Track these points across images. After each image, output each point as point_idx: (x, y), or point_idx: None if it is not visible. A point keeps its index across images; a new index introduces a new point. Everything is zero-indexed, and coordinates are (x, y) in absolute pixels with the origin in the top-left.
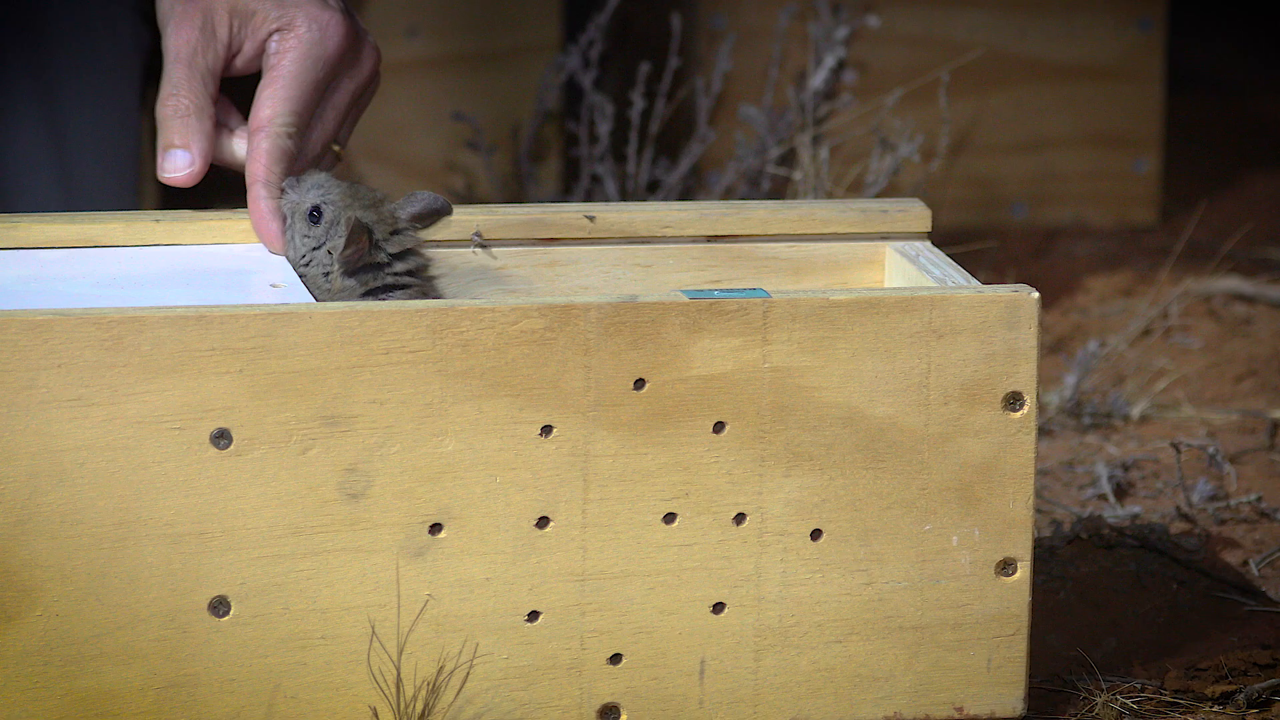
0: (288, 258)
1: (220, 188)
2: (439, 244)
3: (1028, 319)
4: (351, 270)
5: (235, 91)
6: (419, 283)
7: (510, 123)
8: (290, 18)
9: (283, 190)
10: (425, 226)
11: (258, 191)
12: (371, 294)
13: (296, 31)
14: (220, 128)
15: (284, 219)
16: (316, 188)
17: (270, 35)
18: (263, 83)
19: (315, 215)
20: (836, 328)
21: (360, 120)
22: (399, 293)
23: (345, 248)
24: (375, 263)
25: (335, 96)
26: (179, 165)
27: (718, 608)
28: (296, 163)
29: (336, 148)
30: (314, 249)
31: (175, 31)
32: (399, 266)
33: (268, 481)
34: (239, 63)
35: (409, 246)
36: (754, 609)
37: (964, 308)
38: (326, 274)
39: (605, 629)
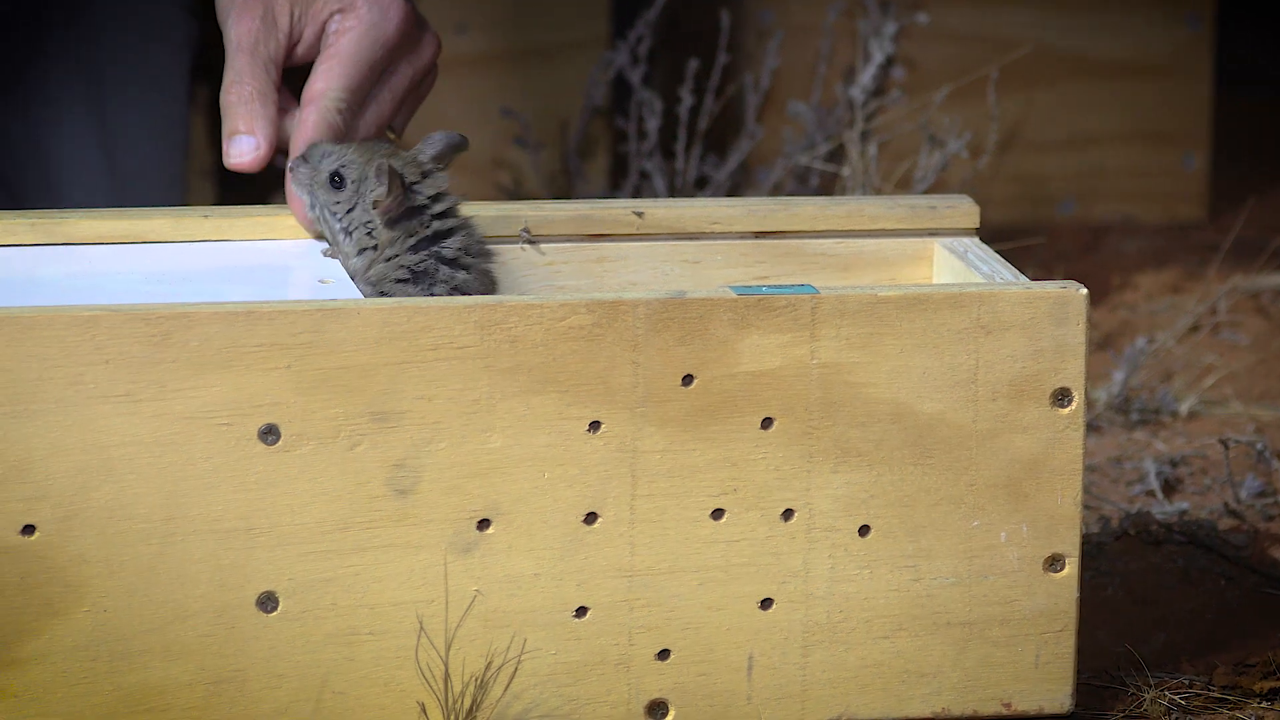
0: (323, 236)
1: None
2: (488, 239)
3: (1076, 315)
4: (394, 220)
5: (296, 81)
6: (460, 223)
7: (559, 119)
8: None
9: (290, 169)
10: (447, 164)
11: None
12: (421, 245)
13: (357, 11)
14: (283, 114)
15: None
16: (328, 155)
17: (331, 16)
18: (319, 59)
19: (338, 180)
20: (885, 324)
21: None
22: (449, 243)
23: (386, 195)
24: (416, 206)
25: (393, 80)
26: (244, 150)
27: (766, 603)
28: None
29: (391, 134)
30: (348, 211)
31: (237, 22)
32: (438, 208)
33: (316, 477)
34: (300, 50)
35: (441, 189)
36: (802, 605)
37: (1012, 304)
38: (370, 231)
39: (653, 625)
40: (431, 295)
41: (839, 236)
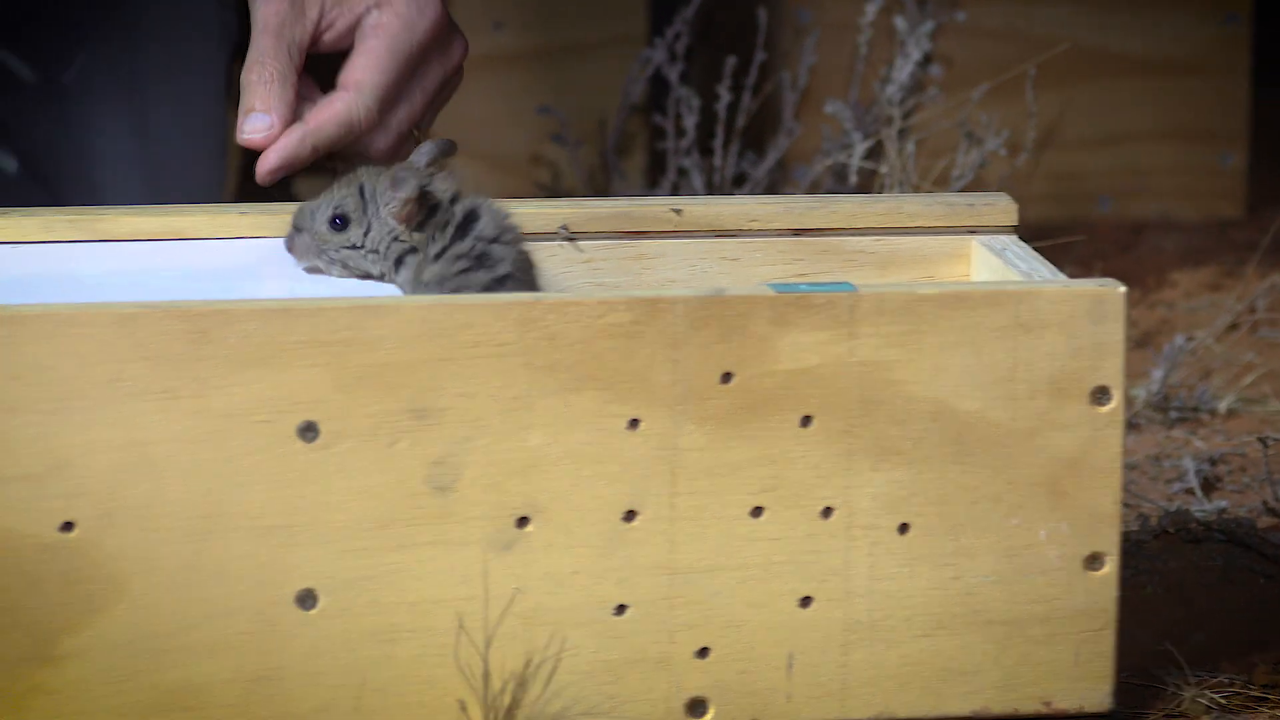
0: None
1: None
2: (524, 244)
3: (1115, 313)
4: (420, 222)
5: (321, 70)
6: (478, 202)
7: (596, 116)
8: None
9: (289, 249)
10: (442, 169)
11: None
12: (459, 232)
13: (395, 7)
14: (302, 101)
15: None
16: (313, 211)
17: (368, 10)
18: (356, 50)
19: (339, 221)
20: (924, 321)
21: (446, 114)
22: (482, 223)
23: (402, 199)
24: (436, 201)
25: (425, 80)
26: (258, 128)
27: (805, 602)
28: (369, 137)
29: (417, 134)
30: (366, 235)
31: (265, 3)
32: (452, 193)
33: (355, 474)
34: (328, 37)
35: (454, 189)
36: (842, 603)
37: (1051, 302)
38: (397, 238)
39: (693, 622)
40: (497, 275)
41: (877, 234)
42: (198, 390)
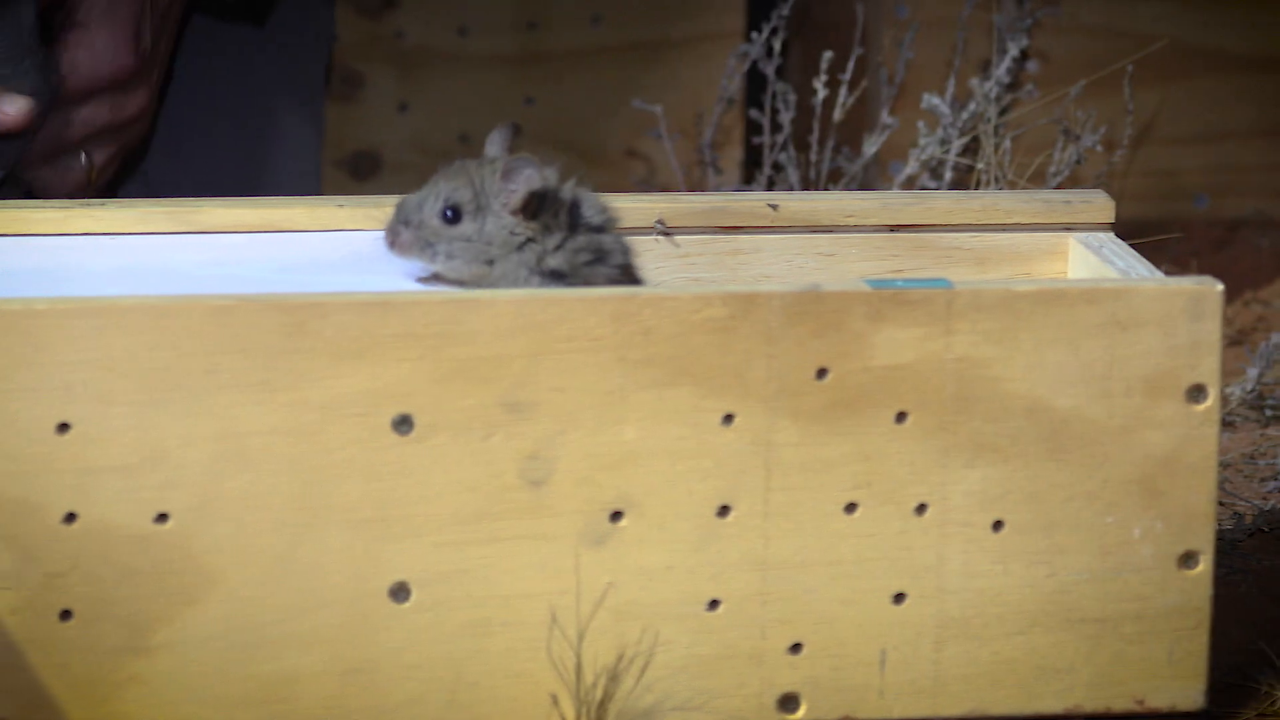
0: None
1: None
2: (622, 231)
3: (1212, 311)
4: (535, 209)
5: None
6: (577, 189)
7: (692, 111)
8: None
9: (392, 244)
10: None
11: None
12: (573, 219)
13: (91, 35)
14: None
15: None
16: (423, 203)
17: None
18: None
19: (452, 214)
20: (1020, 318)
21: (542, 105)
22: (588, 207)
23: (522, 192)
24: (546, 192)
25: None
26: None
27: (899, 598)
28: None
29: (88, 163)
30: (480, 227)
31: None
32: (563, 182)
33: (450, 468)
34: None
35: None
36: (935, 600)
37: (1148, 299)
38: (513, 231)
39: (786, 618)
40: (616, 264)
41: (974, 230)
42: (293, 382)
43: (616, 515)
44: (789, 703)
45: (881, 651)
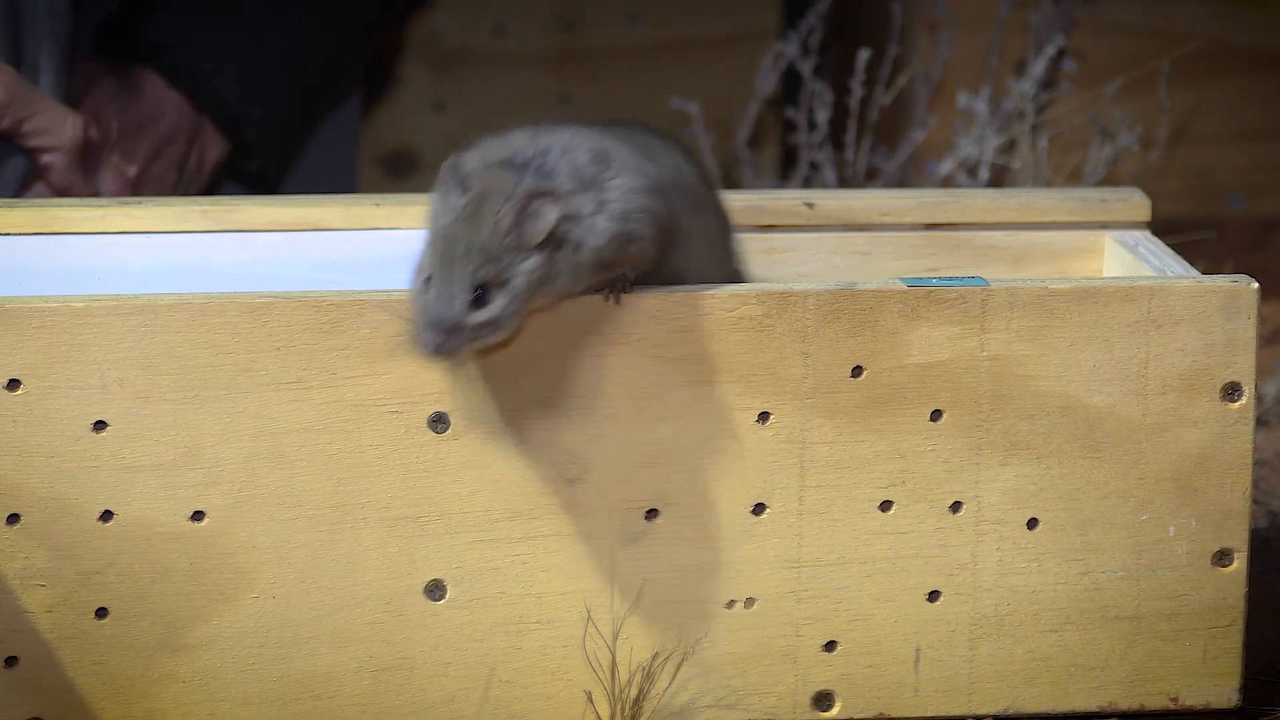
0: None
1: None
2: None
3: (1247, 309)
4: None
5: None
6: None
7: (728, 109)
8: None
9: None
10: None
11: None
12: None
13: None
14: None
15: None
16: (456, 296)
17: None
18: None
19: (482, 293)
20: (1055, 316)
21: (581, 103)
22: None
23: (539, 228)
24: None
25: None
26: None
27: (933, 596)
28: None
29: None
30: (508, 297)
31: None
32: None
33: (485, 466)
34: None
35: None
36: (970, 597)
37: (1183, 298)
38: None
39: (820, 616)
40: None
41: (1009, 229)
42: (329, 380)
43: (652, 513)
44: (823, 700)
45: (916, 649)
